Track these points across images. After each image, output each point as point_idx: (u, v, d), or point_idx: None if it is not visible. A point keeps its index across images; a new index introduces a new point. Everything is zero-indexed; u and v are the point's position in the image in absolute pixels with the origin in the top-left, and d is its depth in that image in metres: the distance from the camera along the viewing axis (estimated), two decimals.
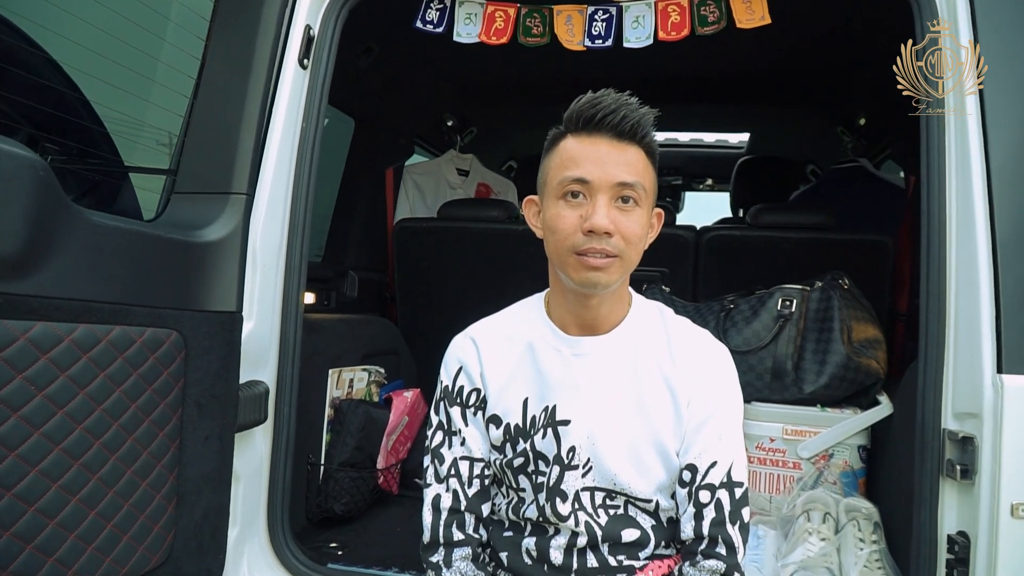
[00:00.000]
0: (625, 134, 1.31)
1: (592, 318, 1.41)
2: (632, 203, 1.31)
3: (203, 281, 1.58)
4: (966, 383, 1.56)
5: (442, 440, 1.48)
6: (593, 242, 1.29)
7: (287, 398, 1.89)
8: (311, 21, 1.94)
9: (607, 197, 1.30)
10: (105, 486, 1.34)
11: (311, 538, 2.17)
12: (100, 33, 1.52)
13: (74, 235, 1.28)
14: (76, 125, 1.57)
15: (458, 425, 1.47)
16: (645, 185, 1.32)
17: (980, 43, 1.62)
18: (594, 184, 1.30)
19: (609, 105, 1.30)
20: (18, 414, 1.18)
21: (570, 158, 1.33)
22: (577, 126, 1.34)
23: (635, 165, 1.32)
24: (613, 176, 1.30)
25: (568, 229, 1.31)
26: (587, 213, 1.29)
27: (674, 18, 1.98)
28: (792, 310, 2.24)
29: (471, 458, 1.46)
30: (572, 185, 1.31)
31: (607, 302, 1.39)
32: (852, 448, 2.14)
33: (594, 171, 1.30)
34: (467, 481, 1.46)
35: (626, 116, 1.30)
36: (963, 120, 1.62)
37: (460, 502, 1.45)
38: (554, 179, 1.35)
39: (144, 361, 1.41)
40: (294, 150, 1.91)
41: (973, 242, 1.57)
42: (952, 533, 1.57)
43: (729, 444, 1.40)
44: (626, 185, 1.30)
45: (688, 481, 1.38)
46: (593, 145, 1.31)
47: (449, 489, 1.45)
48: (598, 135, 1.32)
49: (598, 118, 1.31)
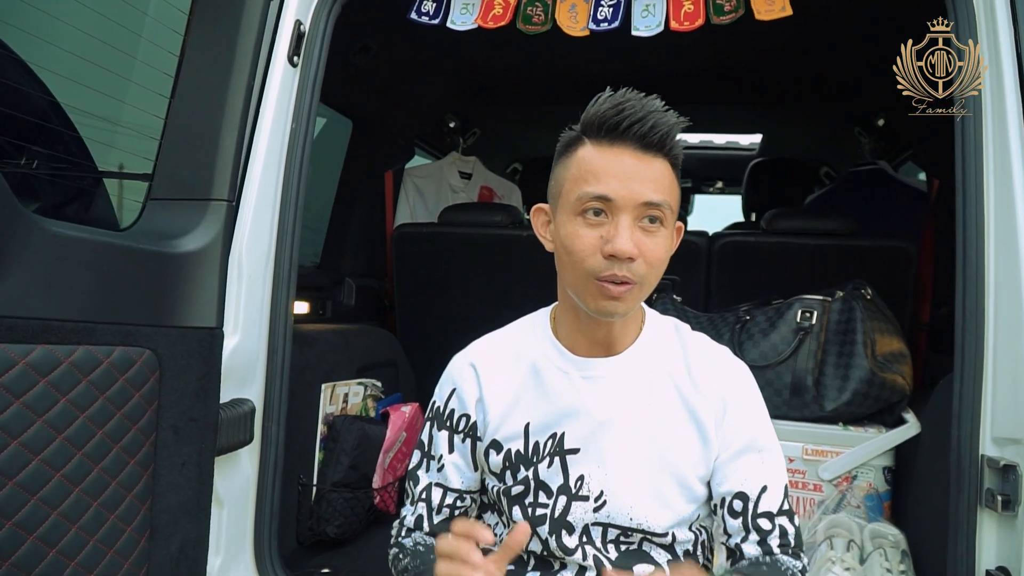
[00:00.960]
0: (653, 145, 1.16)
1: (604, 337, 1.28)
2: (658, 224, 1.17)
3: (180, 295, 1.47)
4: (1008, 406, 1.45)
5: (419, 461, 1.41)
6: (615, 267, 1.15)
7: (275, 416, 1.79)
8: (301, 16, 1.83)
9: (631, 218, 1.15)
10: (67, 521, 1.22)
11: (302, 563, 2.07)
12: (70, 29, 1.41)
13: (30, 247, 1.16)
14: (42, 128, 1.45)
15: (440, 451, 1.37)
16: (671, 204, 1.19)
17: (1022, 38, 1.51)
18: (617, 203, 1.16)
19: (636, 111, 1.15)
20: None
21: (590, 171, 1.18)
22: (599, 133, 1.18)
23: (662, 181, 1.17)
24: (639, 195, 1.15)
25: (587, 251, 1.17)
26: (608, 234, 1.15)
27: (688, 7, 1.86)
28: (812, 322, 2.11)
29: (445, 487, 1.37)
30: (592, 203, 1.17)
31: (621, 322, 1.27)
32: (877, 469, 2.02)
33: (618, 188, 1.15)
34: (436, 508, 1.38)
35: (655, 125, 1.15)
36: (1002, 120, 1.50)
37: (423, 525, 1.38)
38: (571, 192, 1.20)
39: (112, 384, 1.30)
40: (283, 153, 1.80)
41: (1016, 251, 1.45)
42: (991, 568, 1.46)
43: (774, 465, 1.29)
44: (652, 205, 1.16)
45: (740, 511, 1.25)
46: (617, 157, 1.16)
47: (415, 513, 1.38)
48: (622, 145, 1.16)
49: (624, 126, 1.15)
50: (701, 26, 1.85)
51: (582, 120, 1.21)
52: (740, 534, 1.26)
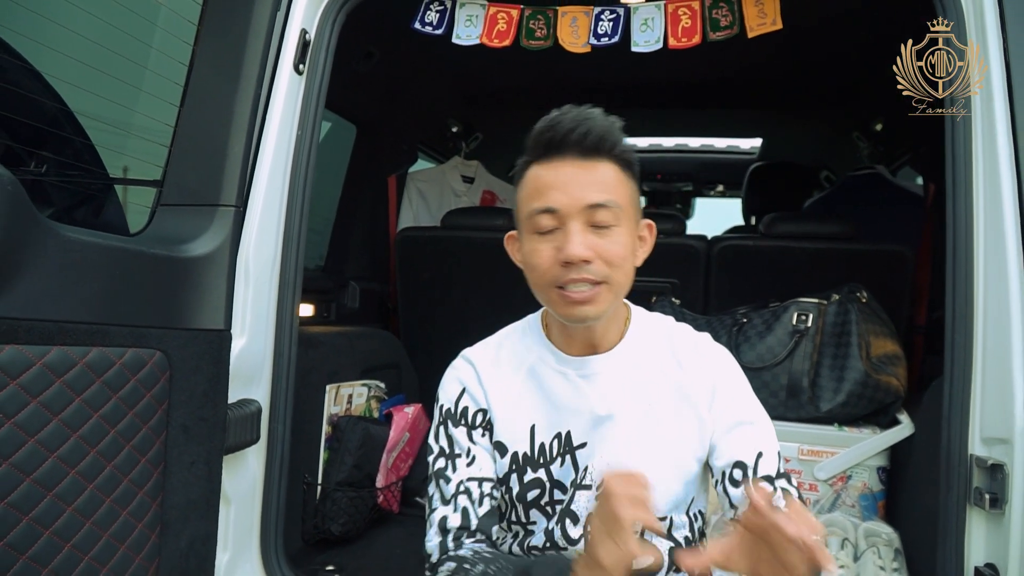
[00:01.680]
0: (591, 150, 1.22)
1: (591, 338, 1.33)
2: (609, 223, 1.22)
3: (189, 298, 1.51)
4: (995, 407, 1.48)
5: (445, 464, 1.37)
6: (572, 273, 1.20)
7: (281, 416, 1.82)
8: (307, 25, 1.87)
9: (580, 222, 1.21)
10: (81, 516, 1.26)
11: (307, 560, 2.10)
12: (83, 40, 1.45)
13: (46, 252, 1.20)
14: (56, 136, 1.50)
15: (464, 445, 1.37)
16: (620, 201, 1.23)
17: (1010, 43, 1.55)
18: (563, 212, 1.21)
19: (568, 123, 1.22)
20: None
21: (536, 188, 1.24)
22: (540, 152, 1.25)
23: (605, 182, 1.23)
24: (581, 199, 1.21)
25: (544, 264, 1.23)
26: (560, 243, 1.21)
27: (685, 22, 1.90)
28: (808, 325, 2.15)
29: (480, 478, 1.35)
30: (541, 217, 1.23)
31: (602, 322, 1.31)
32: (871, 469, 2.05)
33: (561, 197, 1.21)
34: (477, 500, 1.34)
35: (589, 130, 1.21)
36: (991, 124, 1.54)
37: (470, 520, 1.33)
38: (524, 212, 1.27)
39: (124, 384, 1.34)
40: (289, 159, 1.84)
41: (1003, 254, 1.49)
42: (980, 565, 1.49)
43: (766, 435, 1.33)
44: (598, 206, 1.21)
45: (741, 479, 1.30)
46: (557, 169, 1.23)
47: (458, 509, 1.34)
48: (561, 157, 1.23)
49: (559, 139, 1.22)
50: (699, 43, 1.89)
51: (527, 146, 1.27)
52: (746, 502, 1.30)
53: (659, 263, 2.71)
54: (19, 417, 1.16)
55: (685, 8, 1.91)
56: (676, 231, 2.74)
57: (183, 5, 1.61)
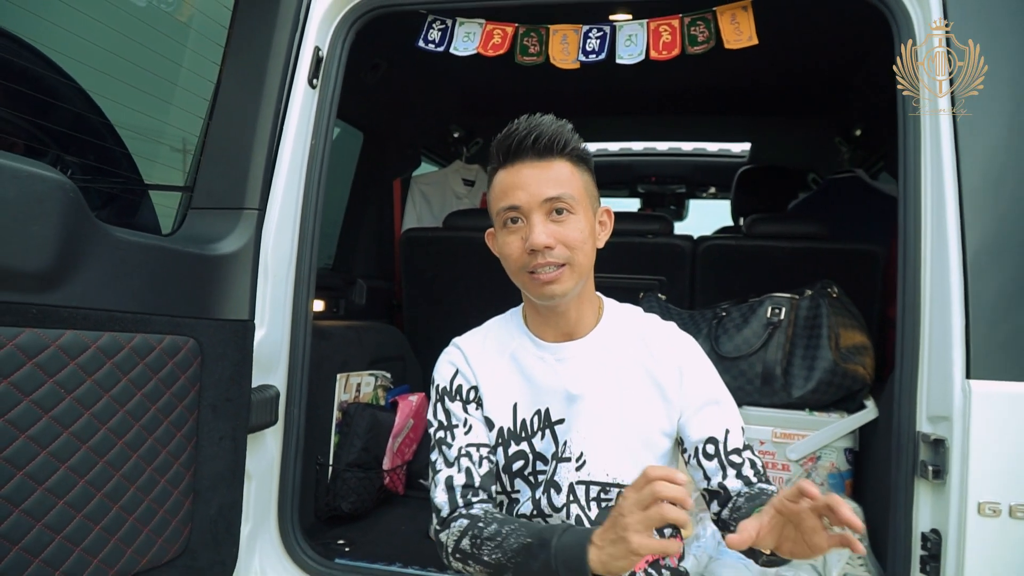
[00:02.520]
0: (544, 151, 1.41)
1: (566, 324, 1.51)
2: (566, 212, 1.41)
3: (218, 291, 1.69)
4: (938, 388, 1.63)
5: (444, 435, 1.53)
6: (538, 258, 1.39)
7: (297, 401, 1.98)
8: (320, 43, 2.03)
9: (541, 214, 1.40)
10: (127, 482, 1.44)
11: (320, 535, 2.27)
12: (121, 60, 1.63)
13: (99, 250, 1.38)
14: (99, 146, 1.68)
15: (460, 417, 1.54)
16: (574, 193, 1.42)
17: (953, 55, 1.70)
18: (524, 207, 1.40)
19: (522, 131, 1.41)
20: (49, 415, 1.29)
21: (501, 190, 1.44)
22: (502, 158, 1.44)
23: (559, 178, 1.41)
24: (539, 194, 1.40)
25: (515, 253, 1.42)
26: (526, 234, 1.40)
27: (665, 38, 2.07)
28: (781, 317, 2.32)
29: (478, 443, 1.52)
30: (507, 213, 1.42)
31: (574, 307, 1.49)
32: (839, 451, 2.22)
33: (521, 195, 1.40)
34: (477, 462, 1.50)
35: (540, 135, 1.40)
36: (937, 135, 1.70)
37: (473, 478, 1.48)
38: (494, 211, 1.46)
39: (163, 366, 1.52)
40: (304, 166, 2.00)
41: (946, 255, 1.63)
42: (926, 531, 1.63)
43: (731, 412, 1.50)
44: (554, 199, 1.40)
45: (714, 453, 1.46)
46: (517, 172, 1.42)
47: (461, 469, 1.49)
48: (520, 161, 1.42)
49: (515, 145, 1.41)
50: (678, 55, 2.06)
51: (490, 155, 1.47)
52: (719, 473, 1.47)
53: (647, 261, 2.92)
54: (77, 392, 1.34)
55: (666, 25, 2.08)
56: (664, 231, 2.91)
57: (211, 29, 1.78)
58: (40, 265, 1.27)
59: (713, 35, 2.03)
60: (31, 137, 1.54)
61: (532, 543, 1.31)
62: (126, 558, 1.44)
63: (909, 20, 1.79)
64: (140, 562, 1.48)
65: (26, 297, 1.26)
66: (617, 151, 4.80)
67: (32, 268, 1.26)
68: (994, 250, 1.63)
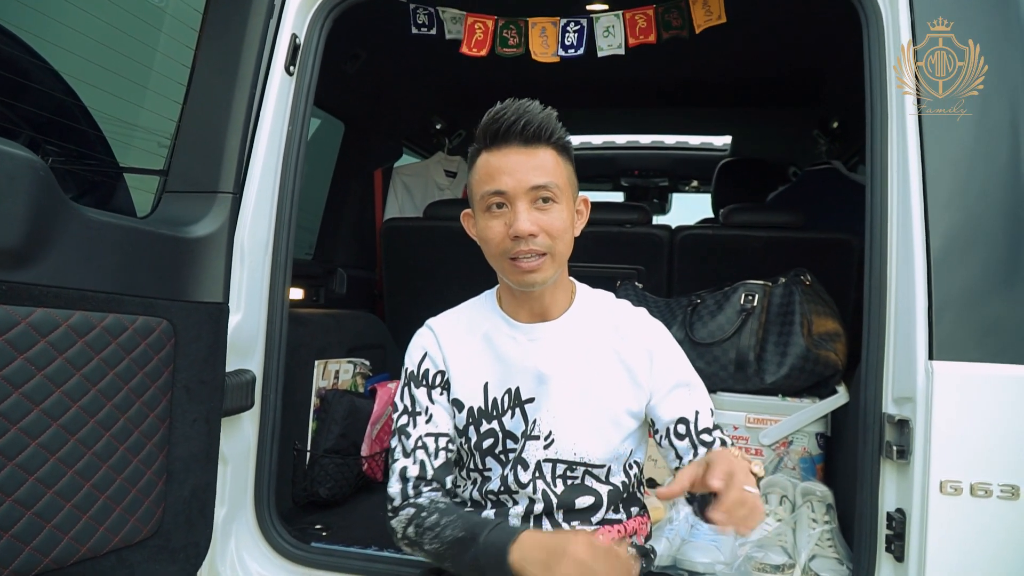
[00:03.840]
0: (531, 138, 1.42)
1: (540, 306, 1.53)
2: (550, 202, 1.42)
3: (191, 274, 1.70)
4: (903, 370, 1.67)
5: (407, 421, 1.56)
6: (521, 245, 1.40)
7: (273, 386, 2.00)
8: (297, 30, 2.05)
9: (526, 202, 1.41)
10: (99, 460, 1.45)
11: (297, 520, 2.28)
12: (96, 44, 1.63)
13: (71, 229, 1.39)
14: (74, 129, 1.68)
15: (423, 404, 1.56)
16: (559, 183, 1.43)
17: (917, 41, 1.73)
18: (510, 193, 1.41)
19: (510, 115, 1.41)
20: (19, 391, 1.30)
21: (486, 173, 1.44)
22: (487, 141, 1.44)
23: (546, 166, 1.43)
24: (526, 181, 1.41)
25: (497, 238, 1.43)
26: (510, 220, 1.41)
27: (641, 24, 2.11)
28: (754, 304, 2.35)
29: (436, 433, 1.55)
30: (492, 198, 1.43)
31: (549, 292, 1.51)
32: (810, 435, 2.26)
33: (508, 181, 1.41)
34: (433, 453, 1.54)
35: (528, 122, 1.41)
36: (903, 130, 1.73)
37: (427, 471, 1.52)
38: (477, 194, 1.46)
39: (136, 347, 1.53)
40: (280, 152, 2.02)
41: (911, 242, 1.67)
42: (891, 510, 1.67)
43: (700, 395, 1.54)
44: (540, 187, 1.41)
45: (685, 433, 1.50)
46: (505, 156, 1.42)
47: (416, 461, 1.53)
48: (507, 146, 1.43)
49: (503, 129, 1.42)
50: (656, 44, 2.09)
51: (476, 135, 1.46)
52: (690, 452, 1.51)
53: (626, 251, 2.95)
54: (48, 370, 1.35)
55: (642, 15, 2.11)
56: (642, 221, 2.94)
57: (186, 13, 1.79)
58: (9, 242, 1.28)
59: (686, 21, 2.06)
60: (3, 119, 1.55)
61: (464, 536, 1.38)
62: (97, 536, 1.45)
63: (879, 13, 1.82)
64: (112, 540, 1.49)
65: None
66: (600, 144, 4.83)
67: (4, 245, 1.27)
68: (958, 237, 1.66)
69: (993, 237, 1.64)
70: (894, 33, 1.79)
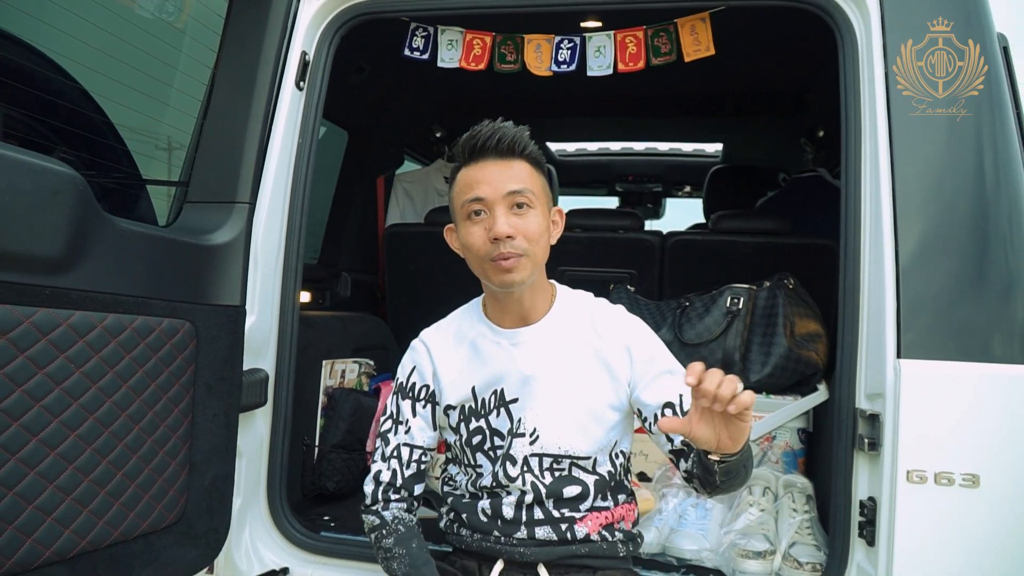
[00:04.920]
0: (506, 152, 1.56)
1: (521, 310, 1.65)
2: (526, 207, 1.55)
3: (212, 279, 1.82)
4: (874, 368, 1.79)
5: (390, 427, 1.73)
6: (500, 247, 1.53)
7: (285, 384, 2.12)
8: (307, 48, 2.17)
9: (503, 207, 1.54)
10: (130, 451, 1.57)
11: (306, 511, 2.40)
12: (124, 65, 1.76)
13: (105, 238, 1.51)
14: (102, 144, 1.81)
15: (406, 416, 1.72)
16: (534, 190, 1.57)
17: (888, 59, 1.85)
18: (489, 199, 1.55)
19: (486, 132, 1.56)
20: (60, 387, 1.42)
21: (466, 184, 1.58)
22: (467, 156, 1.59)
23: (520, 175, 1.56)
24: (503, 188, 1.54)
25: (478, 243, 1.56)
26: (489, 224, 1.54)
27: (631, 49, 2.23)
28: (740, 307, 2.48)
29: (412, 445, 1.71)
30: (472, 205, 1.56)
31: (528, 294, 1.63)
32: (793, 431, 2.38)
33: (486, 189, 1.55)
34: (406, 463, 1.71)
35: (502, 137, 1.55)
36: (875, 139, 1.86)
37: (397, 479, 1.70)
38: (458, 204, 1.60)
39: (162, 347, 1.65)
40: (291, 163, 2.14)
41: (881, 248, 1.79)
42: (863, 499, 1.78)
43: (682, 376, 1.59)
44: (516, 192, 1.55)
45: (673, 416, 1.58)
46: (482, 168, 1.56)
47: (390, 468, 1.71)
48: (484, 159, 1.57)
49: (480, 145, 1.56)
50: (643, 68, 2.21)
51: (455, 155, 1.61)
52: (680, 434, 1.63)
53: (619, 256, 3.08)
54: (85, 367, 1.47)
55: (631, 37, 2.23)
56: (634, 227, 3.06)
57: (205, 35, 1.91)
58: (53, 251, 1.40)
59: (675, 47, 2.18)
60: (41, 135, 1.67)
61: None
62: (128, 521, 1.58)
63: (852, 29, 1.95)
64: (141, 525, 1.61)
65: (40, 280, 1.39)
66: (595, 150, 4.95)
67: (46, 253, 1.39)
68: (924, 245, 1.78)
69: (959, 244, 1.75)
70: (867, 52, 1.91)
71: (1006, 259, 1.77)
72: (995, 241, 1.77)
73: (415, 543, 1.66)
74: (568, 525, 1.64)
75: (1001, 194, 1.79)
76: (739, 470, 1.50)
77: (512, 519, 1.65)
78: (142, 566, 1.61)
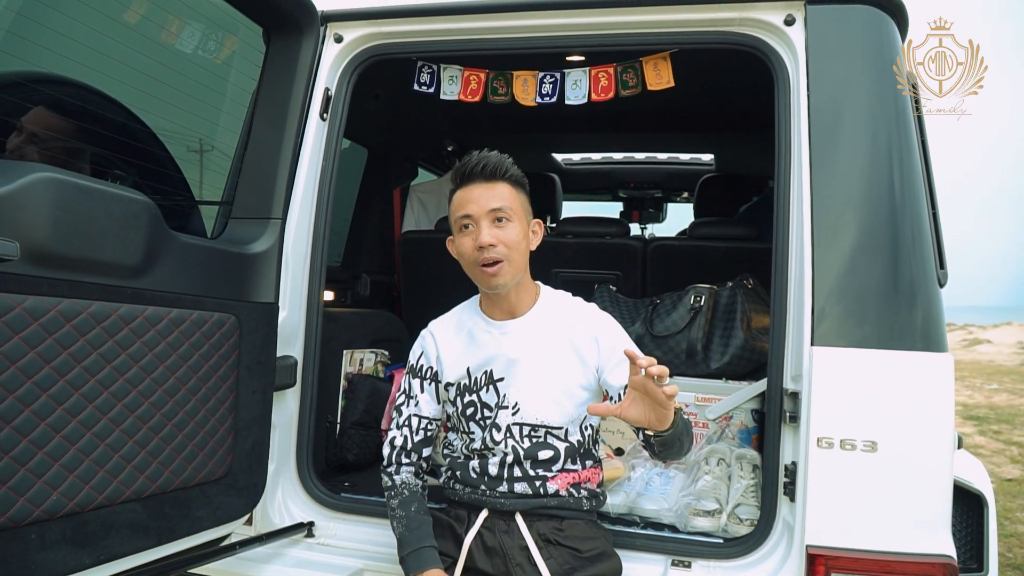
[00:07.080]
0: (490, 176, 1.93)
1: (509, 305, 2.04)
2: (506, 220, 1.92)
3: (252, 281, 2.23)
4: (796, 354, 2.12)
5: (403, 401, 2.14)
6: (484, 254, 1.91)
7: (311, 369, 2.51)
8: (329, 84, 2.56)
9: (487, 221, 1.92)
10: (189, 417, 1.98)
11: (329, 478, 2.78)
12: (180, 111, 2.17)
13: (170, 250, 1.93)
14: (166, 174, 2.23)
15: (415, 392, 2.12)
16: (513, 207, 1.93)
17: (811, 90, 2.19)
18: (475, 215, 1.93)
19: (474, 161, 1.92)
20: (138, 364, 1.83)
21: (458, 203, 1.96)
22: (459, 180, 1.96)
23: (502, 195, 1.93)
24: (486, 206, 1.92)
25: (468, 251, 1.95)
26: (475, 236, 1.92)
27: (603, 82, 2.60)
28: (702, 304, 2.85)
29: (420, 415, 2.11)
30: (462, 220, 1.95)
31: (513, 293, 2.02)
32: (747, 411, 2.74)
33: (473, 207, 1.93)
34: (415, 431, 2.11)
35: (487, 164, 1.93)
36: (800, 151, 2.18)
37: (408, 443, 2.10)
38: (453, 220, 1.99)
39: (213, 335, 2.06)
40: (316, 183, 2.52)
41: (802, 253, 2.14)
42: (788, 464, 2.12)
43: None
44: (497, 209, 1.92)
45: None
46: (470, 190, 1.94)
47: (402, 434, 2.11)
48: (472, 183, 1.94)
49: (468, 171, 1.94)
50: (613, 97, 2.57)
51: (451, 179, 1.97)
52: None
53: (605, 259, 3.46)
54: (157, 350, 1.88)
55: (604, 72, 2.61)
56: (620, 233, 3.44)
57: (244, 80, 2.33)
58: (133, 260, 1.82)
59: (640, 81, 2.55)
60: (117, 167, 2.10)
61: (399, 537, 1.98)
62: (187, 472, 1.99)
63: (783, 62, 2.30)
64: (197, 477, 2.02)
65: (124, 282, 1.80)
66: (599, 160, 5.31)
67: (128, 262, 1.81)
68: (837, 248, 2.09)
69: (865, 250, 2.08)
70: (796, 85, 2.26)
71: (910, 265, 2.07)
72: (900, 248, 2.08)
73: (415, 507, 2.04)
74: (542, 482, 2.02)
75: (907, 207, 2.13)
76: (674, 442, 1.86)
77: (496, 476, 2.04)
78: (198, 508, 2.02)
